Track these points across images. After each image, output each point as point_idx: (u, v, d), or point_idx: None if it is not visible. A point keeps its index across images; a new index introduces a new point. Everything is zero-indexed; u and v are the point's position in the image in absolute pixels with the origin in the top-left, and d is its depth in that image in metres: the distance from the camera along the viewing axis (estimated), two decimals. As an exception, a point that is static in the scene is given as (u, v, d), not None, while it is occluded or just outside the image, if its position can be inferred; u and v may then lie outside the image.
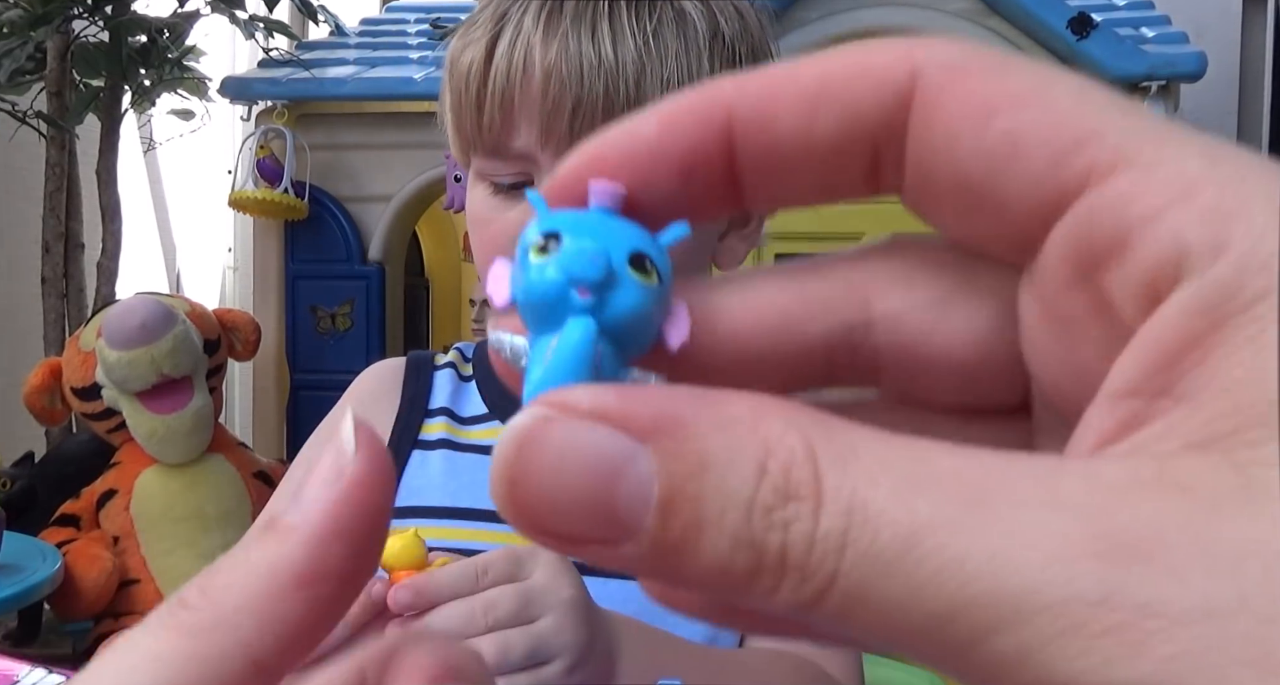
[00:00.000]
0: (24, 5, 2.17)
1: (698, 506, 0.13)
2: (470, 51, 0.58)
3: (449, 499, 0.65)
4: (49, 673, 0.39)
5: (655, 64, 0.57)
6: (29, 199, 2.49)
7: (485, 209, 0.61)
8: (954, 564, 0.12)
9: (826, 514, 0.13)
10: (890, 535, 0.12)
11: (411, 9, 2.78)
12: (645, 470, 0.13)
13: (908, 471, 0.13)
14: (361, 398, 0.71)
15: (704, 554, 0.13)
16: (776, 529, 0.13)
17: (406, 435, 0.68)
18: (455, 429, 0.68)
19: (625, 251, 0.16)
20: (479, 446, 0.67)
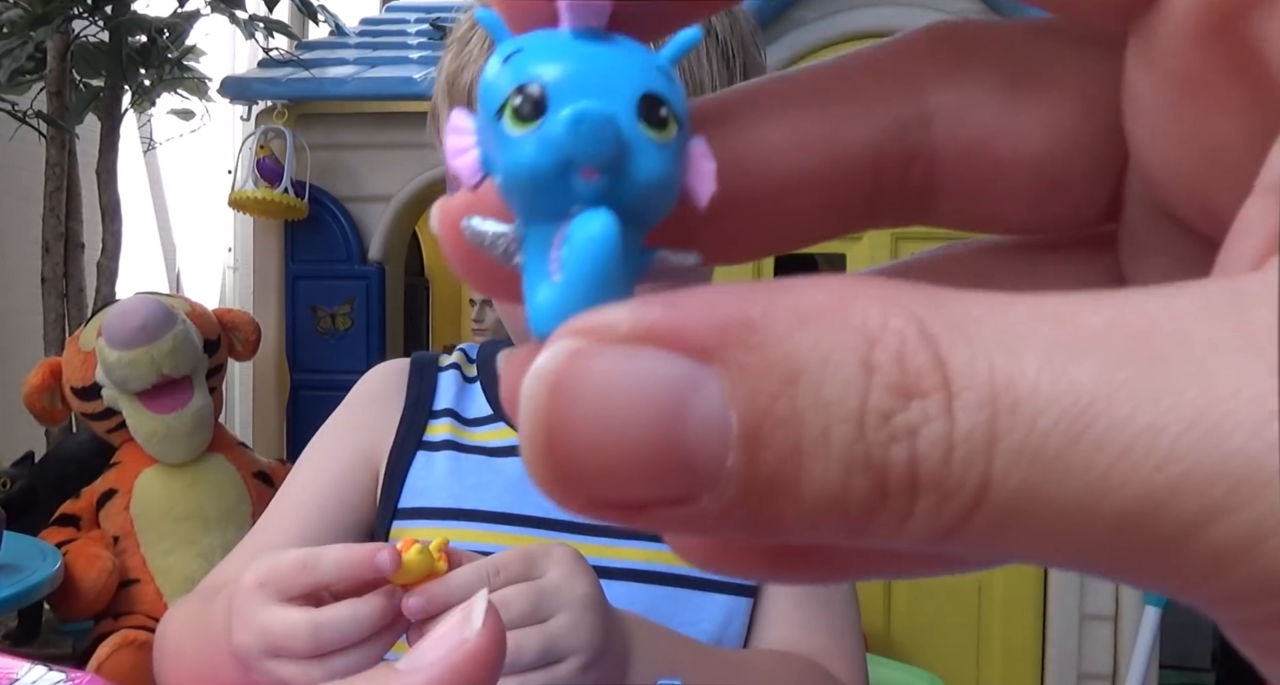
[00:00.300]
0: (24, 5, 2.17)
1: (793, 429, 0.10)
2: (470, 70, 0.58)
3: (454, 500, 0.65)
4: (49, 670, 0.39)
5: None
6: (29, 199, 2.49)
7: None
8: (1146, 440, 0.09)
9: (964, 406, 0.10)
10: (1053, 417, 0.09)
11: (411, 9, 2.78)
12: (717, 396, 0.10)
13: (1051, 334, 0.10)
14: (366, 399, 0.71)
15: (809, 489, 0.10)
16: (901, 439, 0.10)
17: (411, 436, 0.68)
18: (460, 430, 0.68)
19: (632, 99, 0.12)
20: (484, 448, 0.67)
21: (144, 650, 1.58)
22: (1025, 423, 0.09)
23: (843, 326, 0.10)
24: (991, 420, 0.10)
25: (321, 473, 0.68)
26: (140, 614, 1.77)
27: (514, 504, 0.64)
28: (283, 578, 0.48)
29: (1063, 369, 0.09)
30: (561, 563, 0.50)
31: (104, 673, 1.53)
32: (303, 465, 0.70)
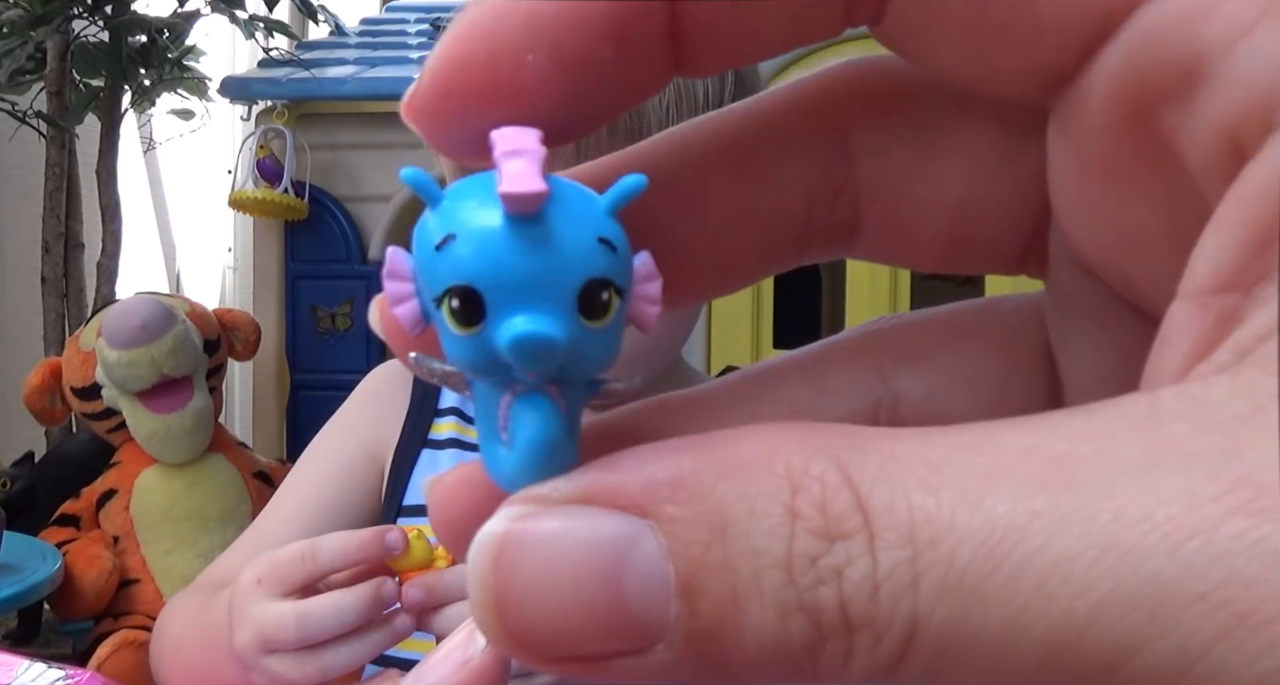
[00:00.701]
0: (24, 5, 2.17)
1: (726, 576, 0.10)
2: None
3: None
4: (49, 667, 0.39)
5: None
6: (29, 199, 2.49)
7: None
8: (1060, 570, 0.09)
9: (885, 545, 0.10)
10: (970, 551, 0.09)
11: (411, 9, 2.78)
12: (654, 550, 0.10)
13: (969, 466, 0.10)
14: (370, 397, 0.72)
15: (751, 634, 0.10)
16: (828, 580, 0.10)
17: (416, 434, 0.68)
18: (465, 428, 0.69)
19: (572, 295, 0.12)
20: None
21: (144, 650, 1.58)
22: (944, 558, 0.10)
23: (767, 475, 0.10)
24: (913, 557, 0.10)
25: (325, 469, 0.68)
26: (140, 614, 1.77)
27: None
28: (280, 572, 0.49)
29: (978, 501, 0.10)
30: None
31: (104, 672, 1.53)
32: (306, 462, 0.70)
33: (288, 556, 0.49)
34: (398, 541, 0.48)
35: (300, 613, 0.48)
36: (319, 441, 0.70)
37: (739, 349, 2.06)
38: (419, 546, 0.49)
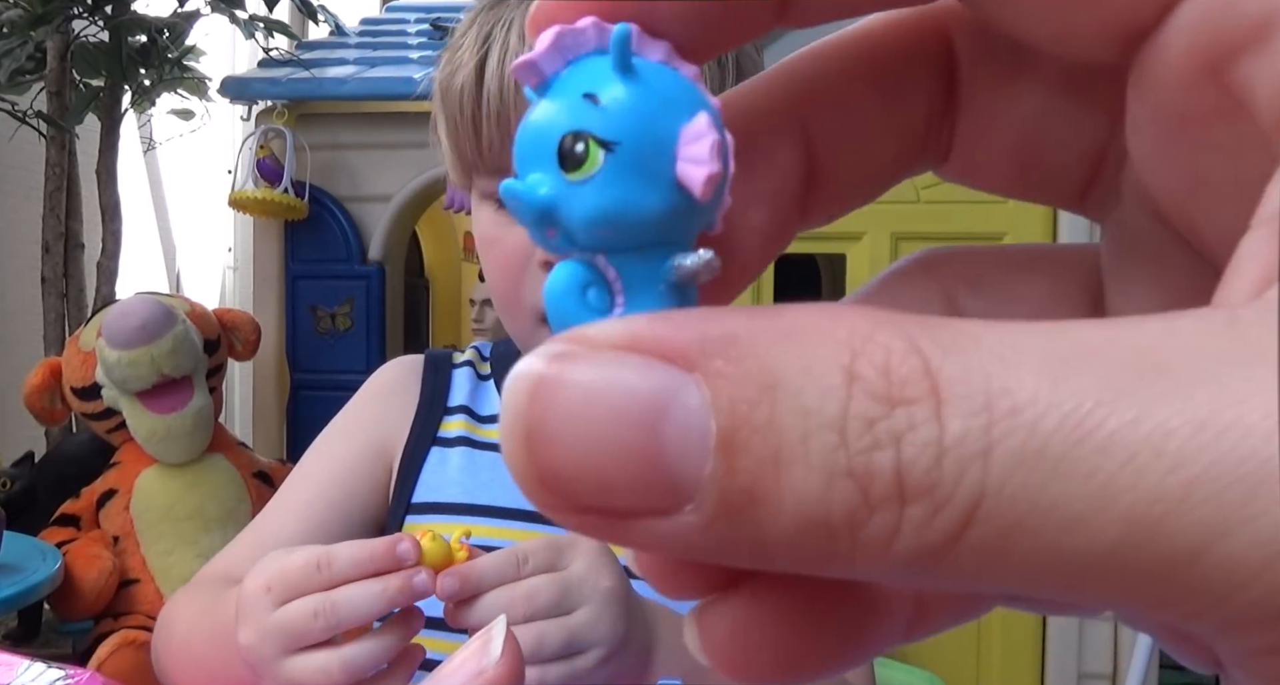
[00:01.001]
0: (24, 5, 2.17)
1: (771, 436, 0.10)
2: (460, 75, 0.58)
3: (467, 496, 0.65)
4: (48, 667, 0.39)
5: None
6: (29, 199, 2.49)
7: (492, 227, 0.61)
8: (1154, 442, 0.09)
9: (954, 412, 0.09)
10: (1055, 421, 0.09)
11: (411, 9, 2.78)
12: (696, 404, 0.10)
13: (1050, 349, 0.09)
14: (379, 393, 0.71)
15: (789, 498, 0.09)
16: (885, 445, 0.09)
17: (425, 432, 0.68)
18: (474, 427, 0.68)
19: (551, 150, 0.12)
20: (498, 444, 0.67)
21: (144, 650, 1.58)
22: (1025, 425, 0.09)
23: (826, 339, 0.10)
24: (987, 426, 0.09)
25: (332, 465, 0.68)
26: (140, 614, 1.77)
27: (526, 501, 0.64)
28: (291, 581, 0.48)
29: (1064, 378, 0.09)
30: (587, 555, 0.50)
31: (104, 672, 1.53)
32: (312, 458, 0.69)
33: (300, 565, 0.48)
34: (409, 552, 0.47)
35: (332, 600, 0.47)
36: (325, 438, 0.70)
37: (739, 349, 2.06)
38: (434, 548, 0.48)
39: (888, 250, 2.03)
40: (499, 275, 0.62)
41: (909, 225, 2.03)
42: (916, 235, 2.04)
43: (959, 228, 2.03)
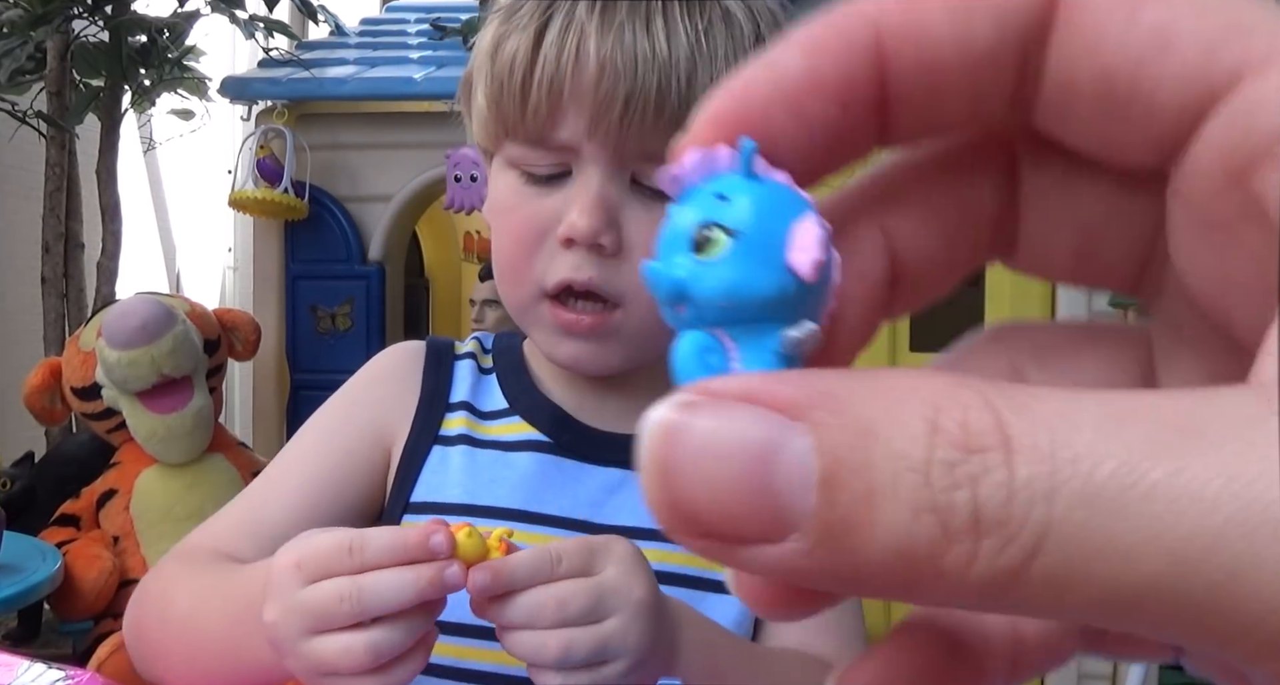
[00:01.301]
0: (24, 5, 2.17)
1: (865, 475, 0.12)
2: (515, 38, 0.57)
3: (468, 496, 0.64)
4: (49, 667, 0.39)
5: (706, 62, 0.57)
6: (29, 199, 2.49)
7: (513, 196, 0.60)
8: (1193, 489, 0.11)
9: (1023, 460, 0.11)
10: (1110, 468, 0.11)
11: (411, 9, 2.78)
12: (802, 448, 0.12)
13: (1103, 411, 0.11)
14: (379, 377, 0.69)
15: (880, 528, 0.11)
16: (963, 485, 0.11)
17: (427, 430, 0.66)
18: (475, 424, 0.67)
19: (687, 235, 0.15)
20: (499, 442, 0.66)
21: (144, 650, 1.58)
22: (1084, 472, 0.11)
23: (913, 396, 0.12)
24: (1051, 472, 0.11)
25: (328, 445, 0.66)
26: (140, 614, 1.77)
27: (527, 501, 0.63)
28: (323, 560, 0.47)
29: (1115, 435, 0.11)
30: (621, 561, 0.49)
31: (104, 672, 1.53)
32: (309, 434, 0.67)
33: (332, 546, 0.47)
34: (442, 545, 0.46)
35: (359, 585, 0.46)
36: (322, 415, 0.68)
37: (739, 349, 2.06)
38: (469, 543, 0.47)
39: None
40: (511, 243, 0.61)
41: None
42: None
43: (959, 228, 2.03)
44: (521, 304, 0.62)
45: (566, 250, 0.59)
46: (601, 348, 0.62)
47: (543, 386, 0.68)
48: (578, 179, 0.59)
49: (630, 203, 0.59)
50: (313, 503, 0.63)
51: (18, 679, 0.40)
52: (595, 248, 0.58)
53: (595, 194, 0.58)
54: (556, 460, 0.65)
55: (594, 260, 0.58)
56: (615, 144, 0.57)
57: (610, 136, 0.57)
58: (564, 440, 0.65)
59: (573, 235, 0.57)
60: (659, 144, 0.57)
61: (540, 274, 0.59)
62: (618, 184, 0.59)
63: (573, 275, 0.58)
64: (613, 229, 0.58)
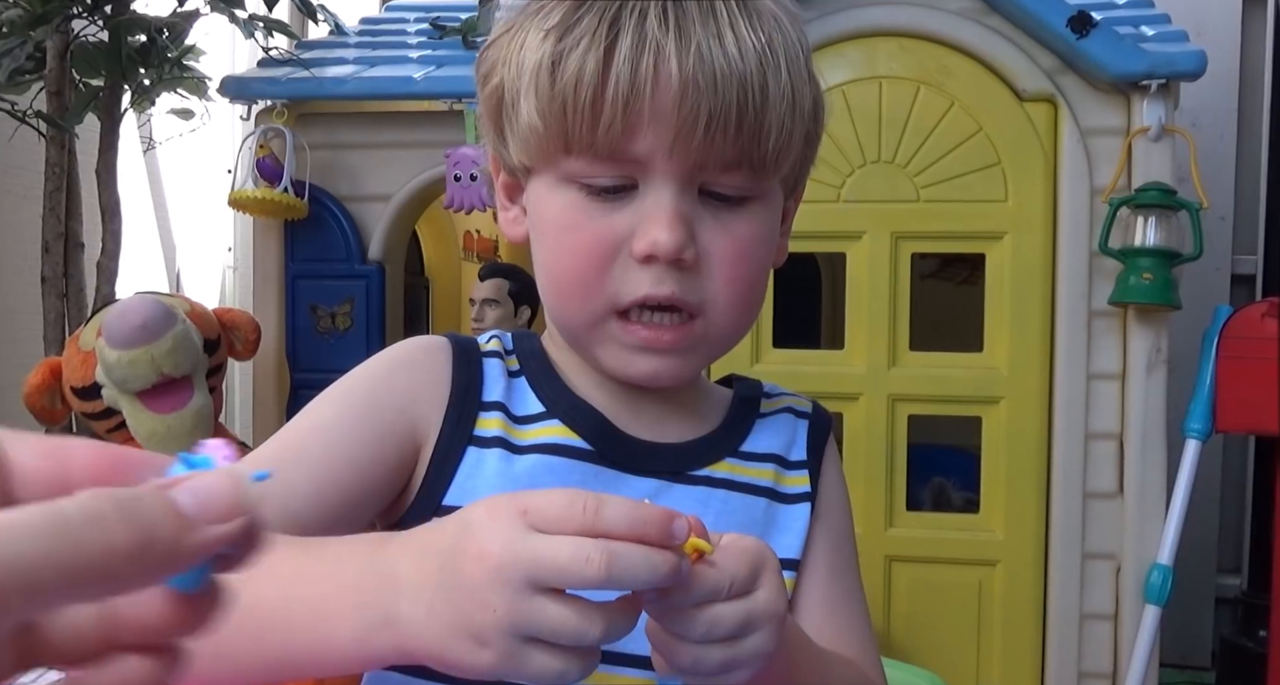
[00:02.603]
0: (24, 5, 2.17)
1: None
2: (579, 56, 0.56)
3: None
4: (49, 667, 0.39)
5: (773, 71, 0.58)
6: (29, 199, 2.49)
7: (575, 212, 0.59)
8: None
9: None
10: None
11: (411, 9, 2.78)
12: None
13: None
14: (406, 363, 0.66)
15: None
16: None
17: (462, 428, 0.63)
18: (510, 427, 0.64)
19: None
20: (537, 446, 0.63)
21: (144, 650, 1.58)
22: None
23: None
24: None
25: (358, 426, 0.62)
26: (140, 614, 1.77)
27: None
28: (553, 512, 0.43)
29: None
30: (771, 582, 0.49)
31: (104, 672, 1.53)
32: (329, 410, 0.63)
33: (563, 499, 0.44)
34: (682, 531, 0.43)
35: (611, 551, 0.42)
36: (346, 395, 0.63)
37: (740, 349, 2.06)
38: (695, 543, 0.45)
39: (888, 249, 2.03)
40: (578, 260, 0.60)
41: (909, 224, 2.03)
42: (917, 234, 2.04)
43: (959, 227, 2.03)
44: (588, 321, 0.61)
45: (643, 266, 0.59)
46: (683, 361, 0.62)
47: (579, 391, 0.66)
48: (648, 194, 0.59)
49: (701, 213, 0.60)
50: (341, 486, 0.60)
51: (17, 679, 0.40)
52: (676, 262, 0.58)
53: (673, 209, 0.58)
54: (596, 470, 0.64)
55: (674, 275, 0.59)
56: (696, 159, 0.57)
57: (692, 154, 0.57)
58: (604, 448, 0.64)
59: (655, 252, 0.57)
60: (733, 154, 0.58)
61: (614, 291, 0.59)
62: (689, 196, 0.59)
63: (654, 290, 0.59)
64: (692, 242, 0.59)
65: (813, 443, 0.71)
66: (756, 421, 0.70)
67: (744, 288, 0.62)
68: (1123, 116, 1.99)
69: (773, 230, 0.64)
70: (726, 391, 0.73)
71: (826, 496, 0.70)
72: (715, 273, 0.60)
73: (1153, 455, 1.97)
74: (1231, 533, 2.83)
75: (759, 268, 0.63)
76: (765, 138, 0.58)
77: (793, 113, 0.59)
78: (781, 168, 0.61)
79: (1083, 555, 2.00)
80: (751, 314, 0.65)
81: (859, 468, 2.02)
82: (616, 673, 0.60)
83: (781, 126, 0.59)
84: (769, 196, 0.63)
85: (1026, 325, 2.00)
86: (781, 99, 0.58)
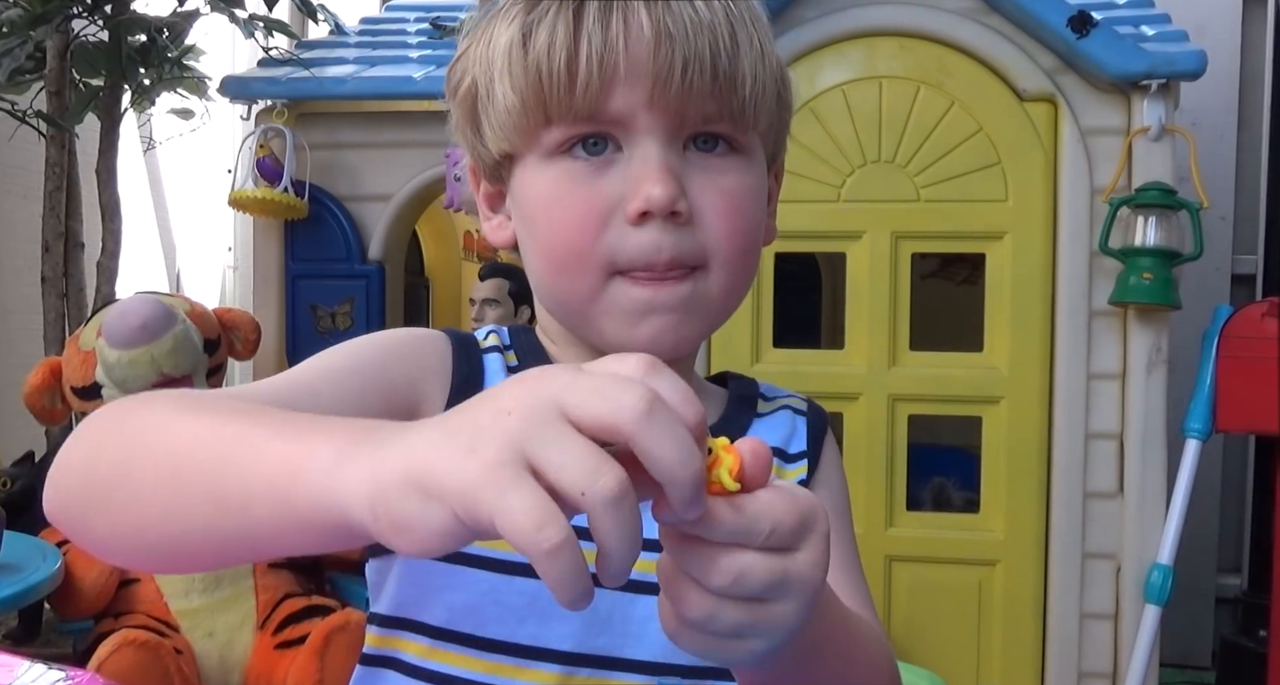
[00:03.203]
0: (24, 4, 2.17)
1: None
2: (549, 24, 0.57)
3: None
4: (49, 668, 0.39)
5: (740, 23, 0.58)
6: (29, 198, 2.49)
7: (562, 184, 0.59)
8: None
9: None
10: None
11: (411, 8, 2.78)
12: None
13: None
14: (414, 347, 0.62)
15: None
16: None
17: None
18: None
19: None
20: None
21: (145, 650, 1.58)
22: None
23: None
24: None
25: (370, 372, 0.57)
26: (140, 613, 1.77)
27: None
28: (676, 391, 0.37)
29: None
30: (817, 546, 0.42)
31: (104, 672, 1.53)
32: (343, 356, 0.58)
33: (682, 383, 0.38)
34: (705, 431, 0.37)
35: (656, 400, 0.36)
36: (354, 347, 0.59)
37: (740, 349, 2.06)
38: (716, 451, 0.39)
39: (888, 249, 2.03)
40: (571, 229, 0.59)
41: (909, 224, 2.03)
42: (916, 234, 2.04)
43: (959, 226, 2.03)
44: (588, 292, 0.60)
45: (638, 227, 0.58)
46: (686, 319, 0.60)
47: None
48: (634, 155, 0.58)
49: (688, 168, 0.59)
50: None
51: (18, 679, 0.40)
52: (671, 216, 0.58)
53: (661, 162, 0.57)
54: None
55: (671, 234, 0.58)
56: (676, 110, 0.57)
57: (672, 103, 0.57)
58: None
59: (649, 207, 0.57)
60: (713, 106, 0.58)
61: (609, 254, 0.58)
62: (675, 151, 0.59)
63: (653, 257, 0.58)
64: (684, 196, 0.58)
65: (812, 435, 0.71)
66: (754, 420, 0.69)
67: (743, 242, 0.61)
68: (1123, 116, 1.99)
69: (760, 188, 0.63)
70: (722, 390, 0.72)
71: (823, 479, 0.69)
72: (710, 226, 0.59)
73: (1153, 455, 1.97)
74: (1231, 533, 2.83)
75: (753, 224, 0.62)
76: (741, 85, 0.58)
77: (763, 62, 0.60)
78: (760, 121, 0.61)
79: (1083, 555, 2.01)
80: (749, 273, 0.63)
81: (859, 468, 2.01)
82: (614, 678, 0.59)
83: (755, 75, 0.59)
84: (752, 152, 0.62)
85: (1026, 325, 2.00)
86: (750, 47, 0.59)
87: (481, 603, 0.58)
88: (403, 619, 0.61)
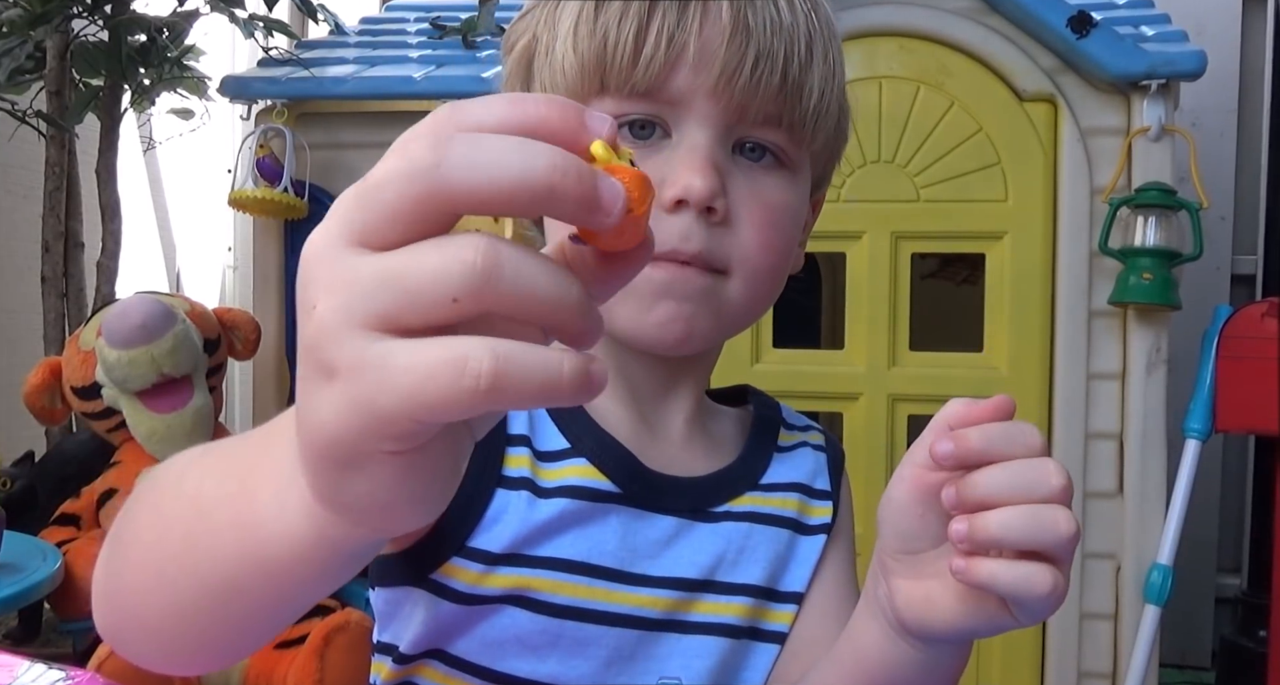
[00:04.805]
0: (24, 4, 2.17)
1: None
2: None
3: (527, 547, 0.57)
4: (49, 667, 0.39)
5: (819, 35, 0.58)
6: (29, 198, 2.49)
7: None
8: None
9: None
10: None
11: (411, 8, 2.78)
12: None
13: None
14: None
15: None
16: None
17: (490, 466, 0.57)
18: (536, 467, 0.59)
19: None
20: (563, 488, 0.58)
21: (144, 650, 1.57)
22: None
23: None
24: None
25: None
26: (140, 613, 1.77)
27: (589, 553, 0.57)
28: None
29: None
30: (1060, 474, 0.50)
31: (104, 672, 1.53)
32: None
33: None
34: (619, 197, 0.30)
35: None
36: None
37: (739, 349, 2.06)
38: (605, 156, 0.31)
39: (888, 249, 2.03)
40: None
41: (909, 224, 2.03)
42: (916, 234, 2.04)
43: (959, 227, 2.03)
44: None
45: (672, 214, 0.56)
46: (699, 311, 0.57)
47: (596, 414, 0.61)
48: (681, 140, 0.56)
49: (733, 171, 0.57)
50: None
51: (18, 679, 0.40)
52: (707, 213, 0.56)
53: (707, 154, 0.56)
54: (620, 511, 0.59)
55: (702, 227, 0.56)
56: (739, 104, 0.56)
57: (736, 95, 0.55)
58: (631, 490, 0.60)
59: (687, 196, 0.55)
60: (774, 108, 0.57)
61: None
62: (723, 149, 0.57)
63: (680, 245, 0.56)
64: (723, 194, 0.56)
65: (833, 471, 0.70)
66: (775, 456, 0.68)
67: (772, 258, 0.59)
68: (1123, 116, 1.99)
69: (800, 209, 0.62)
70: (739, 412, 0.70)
71: (842, 520, 0.69)
72: (743, 235, 0.57)
73: (1153, 455, 1.97)
74: (1231, 533, 2.83)
75: (786, 242, 0.60)
76: (808, 95, 0.57)
77: (833, 80, 0.58)
78: (817, 138, 0.60)
79: (1082, 555, 2.00)
80: (771, 292, 0.62)
81: (859, 468, 2.01)
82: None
83: (823, 91, 0.58)
84: (799, 170, 0.60)
85: (1026, 325, 2.00)
86: (825, 62, 0.58)
87: (504, 638, 0.57)
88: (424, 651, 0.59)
